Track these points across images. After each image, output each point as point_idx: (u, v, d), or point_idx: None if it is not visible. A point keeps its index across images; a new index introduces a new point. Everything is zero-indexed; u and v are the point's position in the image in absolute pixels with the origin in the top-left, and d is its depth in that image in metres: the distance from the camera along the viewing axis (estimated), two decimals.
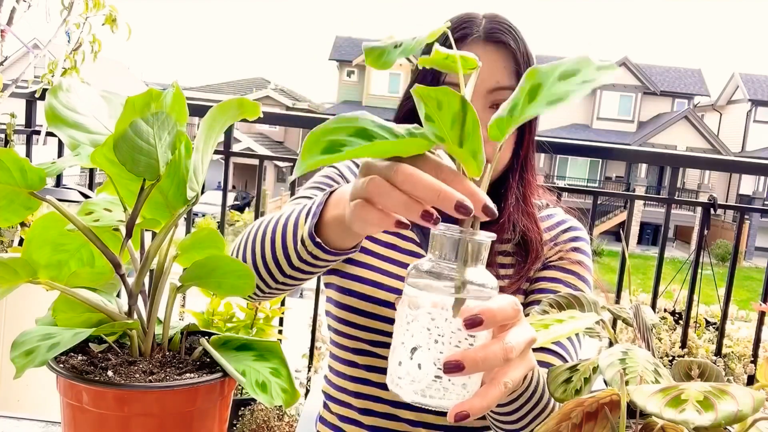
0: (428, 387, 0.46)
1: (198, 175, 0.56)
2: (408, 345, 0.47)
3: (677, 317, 3.35)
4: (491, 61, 0.90)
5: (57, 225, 0.58)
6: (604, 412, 0.48)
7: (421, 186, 0.47)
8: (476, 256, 0.47)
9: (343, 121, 0.47)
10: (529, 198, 0.96)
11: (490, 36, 0.91)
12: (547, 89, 0.44)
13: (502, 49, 0.91)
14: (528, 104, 0.45)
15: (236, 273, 0.59)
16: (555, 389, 0.59)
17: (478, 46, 0.91)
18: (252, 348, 0.58)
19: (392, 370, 0.48)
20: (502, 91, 0.90)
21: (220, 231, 1.99)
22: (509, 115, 0.46)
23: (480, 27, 0.92)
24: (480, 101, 0.90)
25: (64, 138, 0.56)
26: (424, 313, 0.46)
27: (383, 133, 0.46)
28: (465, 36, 0.91)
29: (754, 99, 25.07)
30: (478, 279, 0.47)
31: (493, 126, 0.47)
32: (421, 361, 0.46)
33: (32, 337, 0.53)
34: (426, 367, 0.46)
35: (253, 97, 0.83)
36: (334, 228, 0.67)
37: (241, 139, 21.02)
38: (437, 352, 0.46)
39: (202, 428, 0.55)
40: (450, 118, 0.45)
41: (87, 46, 2.51)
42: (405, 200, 0.48)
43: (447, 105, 0.44)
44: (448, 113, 0.45)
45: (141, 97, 0.55)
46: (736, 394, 0.40)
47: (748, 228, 20.98)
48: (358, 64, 25.61)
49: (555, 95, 0.44)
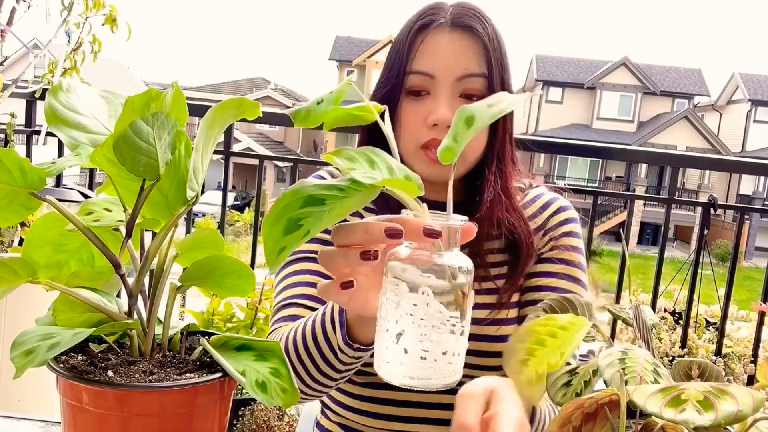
0: (415, 369, 0.48)
1: (198, 175, 0.56)
2: (393, 331, 0.48)
3: (677, 317, 3.35)
4: (459, 48, 0.87)
5: (57, 225, 0.58)
6: (604, 412, 0.48)
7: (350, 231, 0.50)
8: (451, 240, 0.49)
9: (290, 196, 0.46)
10: (510, 191, 0.93)
11: (456, 22, 0.88)
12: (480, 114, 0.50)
13: (470, 34, 0.87)
14: (468, 128, 0.50)
15: (237, 273, 0.59)
16: (555, 393, 0.59)
17: (444, 32, 0.87)
18: (252, 348, 0.58)
19: (379, 355, 0.49)
20: (471, 78, 0.87)
21: (220, 231, 1.99)
22: (455, 141, 0.50)
23: (447, 13, 0.89)
24: (449, 90, 0.87)
25: (64, 138, 0.56)
26: (405, 298, 0.47)
27: (331, 192, 0.46)
28: (430, 22, 0.88)
29: (754, 99, 25.08)
30: (454, 261, 0.49)
31: (443, 152, 0.50)
32: (406, 346, 0.47)
33: (32, 337, 0.53)
34: (412, 351, 0.47)
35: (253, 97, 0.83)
36: (358, 323, 0.69)
37: (241, 139, 21.02)
38: (421, 334, 0.47)
39: (202, 428, 0.55)
40: (367, 162, 0.46)
41: (87, 46, 2.51)
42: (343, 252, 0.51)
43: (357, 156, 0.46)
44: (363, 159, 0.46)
45: (141, 97, 0.55)
46: (736, 394, 0.40)
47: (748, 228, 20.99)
48: (358, 64, 25.62)
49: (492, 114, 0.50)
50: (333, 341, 0.71)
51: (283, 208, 0.46)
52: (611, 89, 25.96)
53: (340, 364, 0.73)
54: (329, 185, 0.46)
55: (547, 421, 0.72)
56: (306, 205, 0.45)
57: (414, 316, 0.47)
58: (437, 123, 0.86)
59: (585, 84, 25.78)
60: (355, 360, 0.73)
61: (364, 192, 0.45)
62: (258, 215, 2.34)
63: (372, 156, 0.47)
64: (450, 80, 0.87)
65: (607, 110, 26.13)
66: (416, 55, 0.88)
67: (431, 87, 0.88)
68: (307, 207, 0.45)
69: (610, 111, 26.14)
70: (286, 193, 0.46)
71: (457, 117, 0.50)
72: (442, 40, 0.88)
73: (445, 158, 0.49)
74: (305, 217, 0.45)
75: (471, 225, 0.51)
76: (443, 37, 0.87)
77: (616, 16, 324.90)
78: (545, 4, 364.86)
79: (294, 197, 0.46)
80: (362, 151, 0.47)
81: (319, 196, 0.46)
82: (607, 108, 26.08)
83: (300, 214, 0.45)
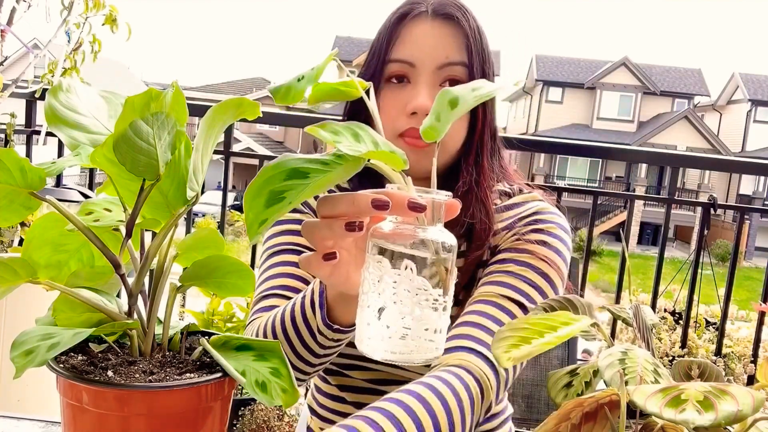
0: (397, 344, 0.48)
1: (198, 175, 0.56)
2: (375, 306, 0.48)
3: (677, 317, 3.35)
4: (440, 36, 0.87)
5: (57, 225, 0.58)
6: (604, 412, 0.48)
7: (336, 202, 0.50)
8: (435, 215, 0.49)
9: (272, 169, 0.46)
10: (483, 185, 0.89)
11: (438, 10, 0.87)
12: (464, 97, 0.50)
13: (451, 23, 0.87)
14: (452, 109, 0.49)
15: (237, 273, 0.59)
16: (556, 394, 0.59)
17: (425, 21, 0.87)
18: (252, 348, 0.58)
19: (361, 331, 0.49)
20: (452, 67, 0.87)
21: (220, 231, 1.99)
22: (438, 120, 0.49)
23: (428, 4, 0.88)
24: (430, 78, 0.86)
25: (64, 138, 0.56)
26: (388, 273, 0.47)
27: (315, 165, 0.46)
28: (410, 11, 0.88)
29: (754, 99, 25.08)
30: (437, 237, 0.49)
31: (427, 131, 0.49)
32: (388, 321, 0.47)
33: (32, 337, 0.53)
34: (394, 325, 0.47)
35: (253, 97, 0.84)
36: (339, 304, 0.69)
37: (241, 139, 21.02)
38: (403, 310, 0.47)
39: (202, 428, 0.55)
40: (352, 136, 0.46)
41: (87, 46, 2.51)
42: (328, 223, 0.51)
43: (342, 129, 0.46)
44: (348, 133, 0.46)
45: (141, 97, 0.55)
46: (736, 394, 0.40)
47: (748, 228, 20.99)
48: (358, 64, 25.61)
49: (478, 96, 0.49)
50: (312, 323, 0.71)
51: (265, 180, 0.45)
52: (611, 89, 25.96)
53: (319, 347, 0.73)
54: (313, 159, 0.46)
55: None
56: (289, 178, 0.45)
57: (396, 291, 0.47)
58: (416, 111, 0.85)
59: (585, 84, 25.78)
60: (335, 343, 0.73)
61: (348, 165, 0.45)
62: None
63: (357, 130, 0.46)
64: (430, 68, 0.86)
65: (607, 110, 26.13)
66: (396, 44, 0.88)
67: (411, 75, 0.87)
68: (291, 180, 0.45)
69: (610, 111, 26.14)
70: (269, 167, 0.46)
71: (439, 98, 0.50)
72: (423, 29, 0.87)
73: (429, 136, 0.49)
74: (288, 190, 0.45)
75: (455, 201, 0.51)
76: (424, 26, 0.87)
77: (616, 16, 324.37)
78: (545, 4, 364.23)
79: (277, 170, 0.45)
80: (347, 125, 0.46)
81: (302, 170, 0.45)
82: (607, 108, 26.09)
83: (283, 186, 0.45)
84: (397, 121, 0.87)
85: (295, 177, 0.45)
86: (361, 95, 0.53)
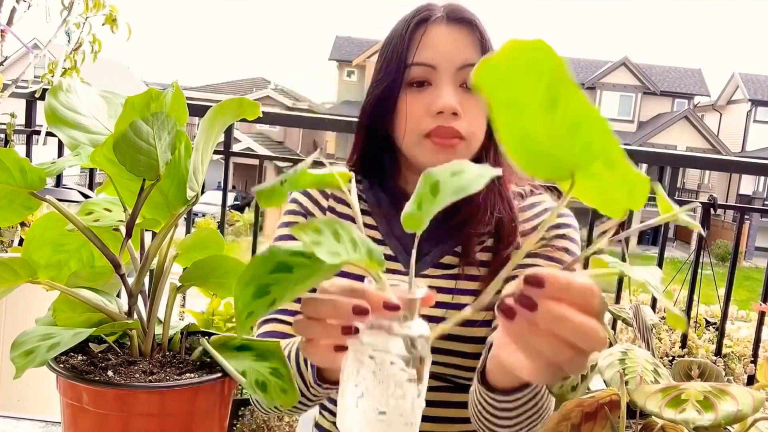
0: (374, 427, 0.50)
1: (198, 175, 0.56)
2: (353, 392, 0.50)
3: None
4: (456, 39, 0.91)
5: (57, 225, 0.58)
6: (604, 412, 0.48)
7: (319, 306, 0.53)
8: (411, 310, 0.51)
9: (262, 259, 0.47)
10: (504, 180, 0.95)
11: (452, 16, 0.92)
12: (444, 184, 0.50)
13: (466, 27, 0.91)
14: (434, 198, 0.50)
15: (237, 273, 0.58)
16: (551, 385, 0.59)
17: (441, 26, 0.91)
18: (252, 348, 0.58)
19: (341, 412, 0.52)
20: (470, 68, 0.88)
21: (220, 231, 1.99)
22: (419, 209, 0.50)
23: (441, 10, 0.93)
24: (450, 79, 0.90)
25: (64, 138, 0.56)
26: (365, 362, 0.50)
27: (300, 259, 0.47)
28: (428, 17, 0.92)
29: (754, 99, 25.07)
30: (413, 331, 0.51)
31: (407, 219, 0.50)
32: (366, 407, 0.50)
33: (32, 337, 0.53)
34: (370, 413, 0.49)
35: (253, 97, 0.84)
36: (327, 368, 0.72)
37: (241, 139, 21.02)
38: (380, 397, 0.49)
39: (202, 428, 0.55)
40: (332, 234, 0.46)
41: (87, 46, 2.51)
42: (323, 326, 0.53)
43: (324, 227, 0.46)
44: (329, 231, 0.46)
45: (141, 97, 0.55)
46: (736, 394, 0.40)
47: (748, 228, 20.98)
48: (358, 64, 25.63)
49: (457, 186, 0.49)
50: (306, 376, 0.76)
51: (254, 270, 0.46)
52: (611, 89, 25.95)
53: (312, 396, 0.78)
54: (297, 251, 0.46)
55: None
56: (276, 271, 0.46)
57: (373, 380, 0.49)
58: (443, 110, 0.88)
59: (585, 84, 25.76)
60: (327, 392, 0.77)
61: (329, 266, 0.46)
62: (258, 215, 2.34)
63: (338, 228, 0.47)
64: (451, 70, 0.90)
65: (607, 110, 26.12)
66: (417, 48, 0.91)
67: (433, 78, 0.91)
68: (277, 273, 0.46)
69: (610, 111, 26.12)
70: (258, 257, 0.47)
71: (423, 181, 0.51)
72: (441, 33, 0.91)
73: (409, 225, 0.50)
74: (273, 284, 0.46)
75: (430, 294, 0.52)
76: (441, 30, 0.91)
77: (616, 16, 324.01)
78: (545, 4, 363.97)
79: (265, 261, 0.46)
80: (330, 222, 0.46)
81: (288, 263, 0.46)
82: (607, 108, 26.07)
83: (269, 279, 0.46)
84: (422, 122, 0.90)
85: (281, 270, 0.46)
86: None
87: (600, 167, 0.44)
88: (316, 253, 0.44)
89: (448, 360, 0.90)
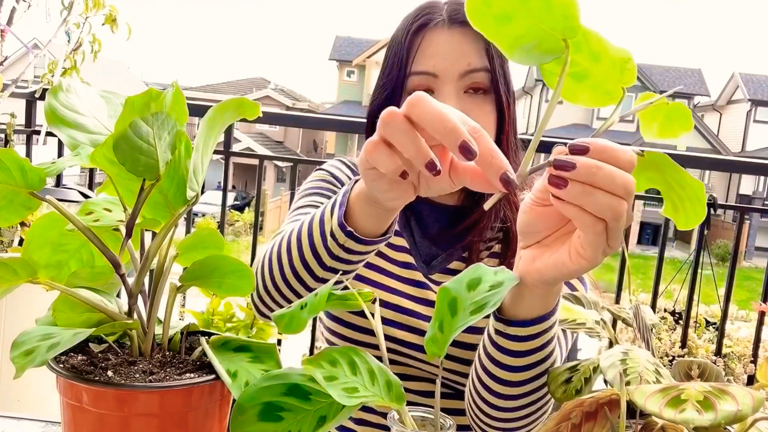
0: None
1: (198, 175, 0.56)
2: None
3: (677, 317, 3.35)
4: (459, 44, 0.86)
5: (57, 225, 0.58)
6: (604, 412, 0.48)
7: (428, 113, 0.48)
8: None
9: (272, 377, 0.43)
10: None
11: (454, 18, 0.87)
12: (463, 302, 0.49)
13: (469, 29, 0.85)
14: (453, 318, 0.48)
15: (236, 273, 0.59)
16: (555, 389, 0.59)
17: (443, 30, 0.87)
18: (250, 349, 0.58)
19: None
20: (475, 74, 0.86)
21: (220, 231, 1.99)
22: (440, 332, 0.48)
23: (443, 11, 0.88)
24: (454, 86, 0.86)
25: (64, 138, 0.56)
26: None
27: (318, 388, 0.43)
28: (428, 21, 0.88)
29: (754, 99, 25.06)
30: None
31: (429, 344, 0.48)
32: None
33: (32, 337, 0.53)
34: None
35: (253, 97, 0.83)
36: (362, 210, 0.65)
37: (241, 139, 21.01)
38: None
39: (202, 428, 0.55)
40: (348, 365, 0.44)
41: (87, 46, 2.51)
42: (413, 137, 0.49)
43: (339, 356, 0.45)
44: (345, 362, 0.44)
45: (141, 97, 0.55)
46: (736, 394, 0.40)
47: (748, 228, 20.97)
48: (358, 64, 25.62)
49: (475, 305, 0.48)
50: (327, 225, 0.68)
51: (263, 387, 0.42)
52: None
53: (327, 253, 0.69)
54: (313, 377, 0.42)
55: None
56: (290, 394, 0.42)
57: None
58: None
59: None
60: (343, 254, 0.69)
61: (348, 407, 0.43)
62: (258, 215, 2.34)
63: (354, 357, 0.44)
64: (454, 77, 0.86)
65: (607, 110, 26.11)
66: (417, 56, 0.87)
67: (435, 86, 0.87)
68: (290, 397, 0.42)
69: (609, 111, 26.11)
70: (266, 375, 0.43)
71: (440, 298, 0.49)
72: (442, 38, 0.87)
73: (433, 351, 0.48)
74: (288, 410, 0.42)
75: None
76: (442, 35, 0.87)
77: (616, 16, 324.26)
78: None
79: (277, 380, 0.42)
80: (345, 351, 0.44)
81: (305, 388, 0.42)
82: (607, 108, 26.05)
83: (282, 402, 0.42)
84: None
85: (295, 395, 0.42)
86: None
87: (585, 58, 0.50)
88: (329, 392, 0.40)
89: (452, 366, 0.88)
